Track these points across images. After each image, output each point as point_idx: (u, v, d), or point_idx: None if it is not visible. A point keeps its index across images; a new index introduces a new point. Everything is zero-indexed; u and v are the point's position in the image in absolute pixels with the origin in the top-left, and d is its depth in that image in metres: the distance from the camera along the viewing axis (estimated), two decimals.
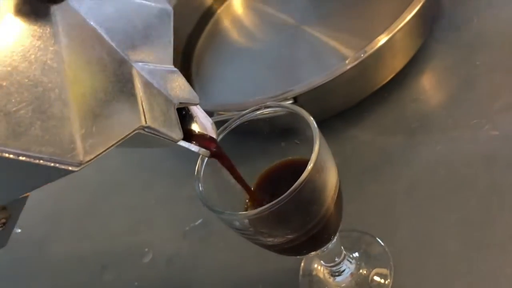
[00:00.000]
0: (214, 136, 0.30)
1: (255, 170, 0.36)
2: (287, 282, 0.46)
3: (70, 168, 0.19)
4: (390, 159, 0.48)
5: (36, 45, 0.19)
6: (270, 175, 0.36)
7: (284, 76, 0.60)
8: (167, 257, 0.54)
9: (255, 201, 0.34)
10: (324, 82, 0.47)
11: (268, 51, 0.65)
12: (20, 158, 0.18)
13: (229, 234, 0.32)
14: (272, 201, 0.27)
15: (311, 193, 0.29)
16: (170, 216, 0.58)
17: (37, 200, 0.68)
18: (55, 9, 0.20)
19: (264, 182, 0.36)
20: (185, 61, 0.70)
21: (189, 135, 0.28)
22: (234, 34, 0.73)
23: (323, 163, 0.29)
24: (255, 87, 0.61)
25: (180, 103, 0.26)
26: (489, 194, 0.41)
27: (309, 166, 0.28)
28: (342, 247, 0.40)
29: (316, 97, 0.49)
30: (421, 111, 0.50)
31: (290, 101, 0.49)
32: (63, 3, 0.20)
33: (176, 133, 0.25)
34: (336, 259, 0.40)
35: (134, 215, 0.61)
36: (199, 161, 0.32)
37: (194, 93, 0.28)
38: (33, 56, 0.19)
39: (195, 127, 0.29)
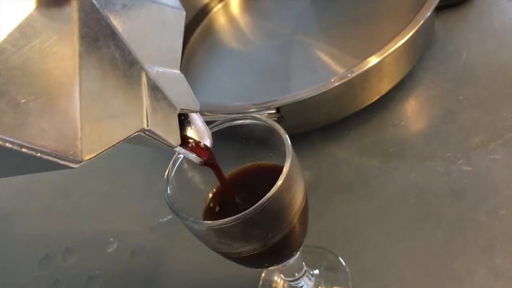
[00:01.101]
0: (209, 144, 0.30)
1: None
2: None
3: (70, 164, 0.19)
4: (364, 180, 0.49)
5: (53, 38, 0.19)
6: (239, 177, 0.36)
7: (271, 84, 0.60)
8: (131, 249, 0.53)
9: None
10: (309, 96, 0.47)
11: (259, 57, 0.66)
12: (23, 150, 0.18)
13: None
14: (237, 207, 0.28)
15: (277, 210, 0.29)
16: (140, 208, 0.57)
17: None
18: (75, 3, 0.20)
19: (233, 183, 0.36)
20: None
21: (185, 141, 0.28)
22: (227, 35, 0.73)
23: (292, 182, 0.29)
24: (241, 91, 0.61)
25: (182, 109, 0.26)
26: (453, 228, 0.42)
27: (279, 183, 0.28)
28: (303, 263, 0.40)
29: (299, 110, 0.50)
30: (400, 137, 0.51)
31: (273, 111, 0.49)
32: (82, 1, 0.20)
33: (174, 139, 0.25)
34: (296, 275, 0.40)
35: (104, 203, 0.61)
36: (170, 165, 0.32)
37: (196, 100, 0.28)
38: (48, 49, 0.18)
39: (191, 134, 0.29)
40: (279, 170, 0.30)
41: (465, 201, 0.43)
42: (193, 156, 0.29)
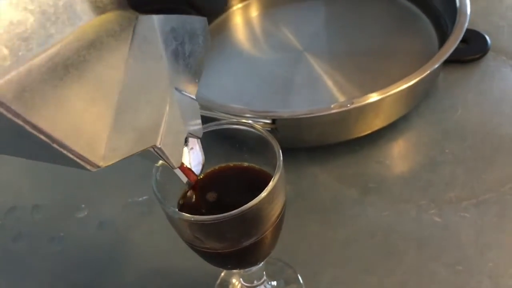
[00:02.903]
0: (199, 171, 0.32)
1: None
2: (203, 283, 0.47)
3: (88, 166, 0.20)
4: (339, 207, 0.50)
5: (111, 45, 0.20)
6: (225, 172, 0.37)
7: (272, 94, 0.61)
8: (100, 220, 0.54)
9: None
10: (306, 116, 0.49)
11: (266, 64, 0.67)
12: (54, 145, 0.18)
13: (167, 222, 0.33)
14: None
15: (254, 219, 0.30)
16: (118, 182, 0.58)
17: None
18: (140, 18, 0.20)
19: (214, 179, 0.37)
20: None
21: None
22: (240, 36, 0.74)
23: (275, 195, 0.31)
24: (241, 94, 0.62)
25: (189, 133, 0.28)
26: (411, 272, 0.43)
27: (263, 194, 0.29)
28: (264, 273, 0.42)
29: (293, 126, 0.51)
30: (382, 175, 0.52)
31: (269, 121, 0.50)
32: (147, 16, 0.21)
33: (176, 161, 0.27)
34: (255, 282, 0.41)
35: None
36: None
37: (201, 128, 0.30)
38: (104, 54, 0.19)
39: (188, 156, 0.30)
40: (265, 177, 0.31)
41: (428, 249, 0.45)
42: (183, 177, 0.30)
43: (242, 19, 0.76)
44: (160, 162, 0.32)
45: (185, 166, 0.30)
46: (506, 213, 0.46)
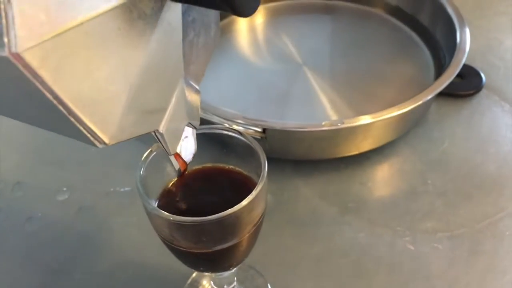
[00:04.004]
0: (189, 161, 0.33)
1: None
2: (173, 282, 0.47)
3: (96, 142, 0.21)
4: (316, 223, 0.51)
5: (139, 25, 0.20)
6: (208, 173, 0.38)
7: (266, 103, 0.62)
8: (80, 205, 0.54)
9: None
10: (296, 129, 0.50)
11: (265, 73, 0.67)
12: (69, 117, 0.19)
13: (145, 216, 0.33)
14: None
15: (232, 225, 0.31)
16: (103, 170, 0.58)
17: None
18: (168, 4, 0.21)
19: (198, 178, 0.37)
20: None
21: None
22: (243, 41, 0.75)
23: (255, 205, 0.31)
24: (235, 99, 0.62)
25: (188, 122, 0.29)
26: None
27: (244, 203, 0.30)
28: (235, 278, 0.42)
29: (283, 138, 0.52)
30: (363, 196, 0.53)
31: (259, 129, 0.51)
32: (175, 3, 0.21)
33: (173, 148, 0.28)
34: (225, 286, 0.42)
35: (69, 151, 0.60)
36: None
37: (199, 118, 0.31)
38: (132, 34, 0.20)
39: (181, 144, 0.31)
40: (249, 182, 0.32)
41: (397, 276, 0.46)
42: (175, 163, 0.31)
43: (246, 25, 0.77)
44: (145, 155, 0.33)
45: (177, 153, 0.31)
46: (478, 249, 0.47)
